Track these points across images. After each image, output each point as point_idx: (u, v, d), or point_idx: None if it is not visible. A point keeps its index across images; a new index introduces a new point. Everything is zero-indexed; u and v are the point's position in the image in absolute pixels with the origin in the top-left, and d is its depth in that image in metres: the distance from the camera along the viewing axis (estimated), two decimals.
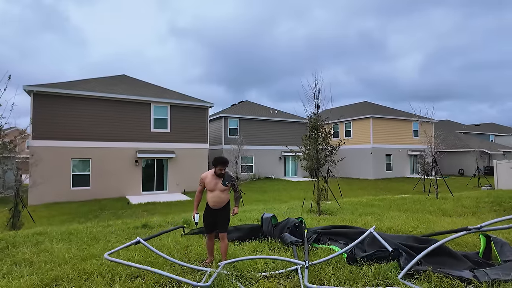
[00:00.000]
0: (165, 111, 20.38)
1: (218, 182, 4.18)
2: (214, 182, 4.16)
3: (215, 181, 4.17)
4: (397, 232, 6.05)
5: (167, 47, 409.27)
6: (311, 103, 8.85)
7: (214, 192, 4.16)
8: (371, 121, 29.20)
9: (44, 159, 16.00)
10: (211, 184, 4.17)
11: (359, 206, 10.18)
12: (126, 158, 19.02)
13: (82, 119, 17.84)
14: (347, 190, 18.78)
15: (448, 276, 3.44)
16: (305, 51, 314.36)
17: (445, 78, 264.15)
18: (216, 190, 4.15)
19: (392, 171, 30.32)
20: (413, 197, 12.94)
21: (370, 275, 3.62)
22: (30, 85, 16.44)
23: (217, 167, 4.15)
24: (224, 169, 4.19)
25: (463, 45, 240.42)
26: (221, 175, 4.18)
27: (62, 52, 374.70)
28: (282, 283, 3.57)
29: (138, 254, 4.64)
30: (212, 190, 4.16)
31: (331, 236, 5.29)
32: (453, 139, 35.71)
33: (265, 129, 29.17)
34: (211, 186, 4.16)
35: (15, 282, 3.68)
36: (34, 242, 5.81)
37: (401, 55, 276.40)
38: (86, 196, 17.57)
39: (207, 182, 4.19)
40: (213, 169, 4.23)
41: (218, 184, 4.17)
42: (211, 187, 4.16)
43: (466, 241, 5.03)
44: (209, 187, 4.18)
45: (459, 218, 8.05)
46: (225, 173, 4.22)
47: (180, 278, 3.44)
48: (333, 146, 8.83)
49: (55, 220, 11.50)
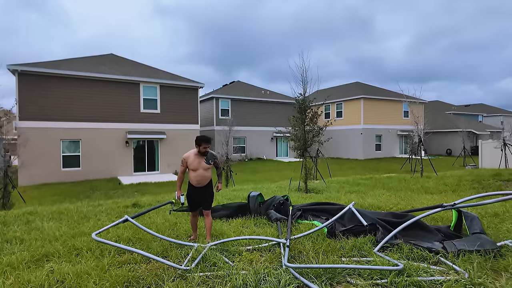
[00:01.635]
0: (154, 91, 20.13)
1: (201, 161, 4.26)
2: (197, 161, 4.24)
3: (198, 160, 4.25)
4: (379, 208, 6.31)
5: (153, 26, 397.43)
6: (298, 84, 8.90)
7: (198, 171, 4.24)
8: (362, 102, 29.36)
9: (32, 140, 15.84)
10: (195, 163, 4.24)
11: (345, 185, 10.47)
12: (117, 139, 18.94)
13: (70, 100, 17.56)
14: (336, 170, 19.15)
15: (419, 247, 3.67)
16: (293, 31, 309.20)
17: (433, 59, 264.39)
18: (199, 169, 4.24)
19: (382, 151, 30.86)
20: (399, 176, 13.31)
21: (347, 247, 3.85)
22: (14, 64, 16.00)
23: (201, 145, 4.21)
24: (208, 147, 4.27)
25: (450, 25, 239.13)
26: (205, 154, 4.26)
27: (45, 32, 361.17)
28: (264, 255, 3.77)
29: (127, 231, 4.79)
30: (196, 169, 4.23)
31: (314, 212, 5.51)
32: (442, 120, 36.28)
33: (257, 110, 29.12)
34: (195, 165, 4.23)
35: (6, 258, 3.80)
36: (24, 221, 5.92)
37: (388, 36, 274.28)
38: (77, 177, 17.59)
39: (190, 162, 4.25)
40: (196, 148, 4.29)
41: (202, 163, 4.25)
42: (195, 166, 4.23)
43: (442, 216, 5.29)
44: (192, 166, 4.24)
45: (439, 195, 8.38)
46: (209, 152, 4.31)
47: (161, 260, 3.38)
48: (320, 127, 8.96)
49: (46, 200, 11.57)
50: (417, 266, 3.19)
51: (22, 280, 3.11)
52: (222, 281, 3.04)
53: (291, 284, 2.90)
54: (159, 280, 3.10)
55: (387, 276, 3.03)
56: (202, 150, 4.22)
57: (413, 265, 3.19)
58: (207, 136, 4.28)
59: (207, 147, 4.25)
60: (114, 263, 3.62)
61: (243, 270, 3.25)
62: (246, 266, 3.46)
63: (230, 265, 3.49)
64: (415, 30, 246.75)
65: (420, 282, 2.87)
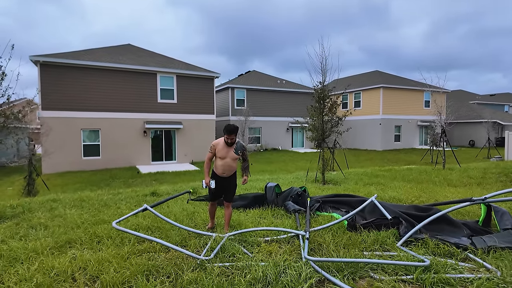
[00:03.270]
0: (171, 81, 20.22)
1: (230, 150, 4.11)
2: (226, 150, 4.09)
3: (227, 149, 4.10)
4: (399, 201, 6.12)
5: (166, 17, 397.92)
6: (317, 72, 8.66)
7: (225, 160, 4.10)
8: (381, 91, 28.54)
9: (54, 130, 16.30)
10: (223, 152, 4.09)
11: (364, 176, 10.24)
12: (135, 129, 19.24)
13: (89, 90, 17.90)
14: (353, 161, 18.81)
15: (445, 243, 3.52)
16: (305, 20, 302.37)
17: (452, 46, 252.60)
18: (227, 158, 4.09)
19: (401, 142, 30.06)
20: (419, 168, 12.92)
21: (368, 241, 3.73)
22: (36, 55, 16.39)
23: (225, 135, 4.07)
24: (232, 138, 4.07)
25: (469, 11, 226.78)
26: (231, 144, 4.10)
27: (62, 24, 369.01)
28: (283, 247, 3.71)
29: (146, 220, 4.84)
30: (223, 157, 4.09)
31: (333, 204, 5.39)
32: (465, 110, 34.85)
33: (273, 100, 28.85)
34: (223, 154, 4.09)
35: (31, 243, 3.91)
36: (48, 208, 6.09)
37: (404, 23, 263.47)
38: (97, 166, 18.05)
39: (218, 149, 4.12)
40: (223, 137, 4.15)
41: (230, 152, 4.11)
42: (223, 154, 4.09)
43: (468, 210, 5.07)
44: (220, 154, 4.10)
45: (463, 188, 8.06)
46: (237, 142, 4.15)
47: (180, 249, 3.40)
48: (339, 117, 8.73)
49: (68, 188, 11.94)
50: (445, 262, 3.05)
51: (46, 266, 3.18)
52: (242, 272, 3.00)
53: (312, 278, 2.83)
54: (179, 270, 3.10)
55: (413, 272, 2.91)
56: (225, 139, 4.08)
57: (440, 262, 3.05)
58: (232, 126, 4.04)
59: (230, 138, 4.06)
60: (134, 251, 3.65)
61: (262, 262, 3.20)
62: (265, 257, 3.41)
63: (249, 256, 3.45)
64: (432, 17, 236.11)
65: (448, 279, 2.74)
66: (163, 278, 2.94)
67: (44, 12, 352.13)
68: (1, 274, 3.11)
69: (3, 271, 3.17)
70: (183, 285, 2.82)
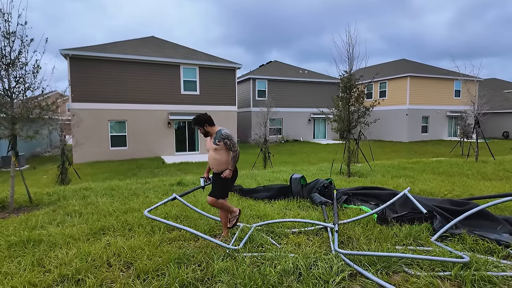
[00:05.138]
0: (194, 73, 20.38)
1: (210, 141, 3.77)
2: (208, 141, 3.85)
3: (208, 140, 3.85)
4: (431, 195, 5.89)
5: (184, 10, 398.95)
6: (343, 61, 8.39)
7: (209, 152, 3.82)
8: (408, 80, 27.43)
9: (83, 121, 16.94)
10: (207, 143, 3.88)
11: (391, 168, 9.94)
12: (159, 120, 19.64)
13: (116, 82, 18.38)
14: (379, 153, 18.32)
15: (485, 239, 3.34)
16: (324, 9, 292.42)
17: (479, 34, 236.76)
18: (210, 149, 3.80)
19: (428, 133, 28.91)
20: (450, 160, 12.38)
21: (401, 235, 3.62)
22: (66, 49, 16.98)
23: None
24: (201, 130, 3.75)
25: None
26: (205, 135, 3.79)
27: (85, 18, 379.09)
28: (311, 239, 3.67)
29: (174, 209, 4.94)
30: (208, 150, 3.85)
31: (361, 197, 5.27)
32: (499, 99, 32.91)
33: (294, 91, 28.46)
34: (207, 145, 3.87)
35: (68, 229, 4.09)
36: (81, 196, 6.36)
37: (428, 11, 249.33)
38: (124, 156, 18.65)
39: (206, 142, 3.90)
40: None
41: (210, 143, 3.77)
42: (207, 146, 3.87)
43: (507, 204, 4.80)
44: (206, 147, 3.90)
45: (499, 182, 7.63)
46: (218, 131, 3.77)
47: (210, 239, 3.43)
48: (366, 107, 8.46)
49: (98, 177, 12.42)
50: (485, 259, 2.90)
51: (83, 251, 3.32)
52: (271, 263, 2.99)
53: (344, 271, 2.78)
54: (209, 259, 3.14)
55: (450, 269, 2.79)
56: (201, 131, 3.80)
57: (480, 258, 2.90)
58: (195, 118, 3.77)
59: (199, 129, 3.75)
60: (164, 239, 3.74)
61: (292, 253, 3.18)
62: (293, 249, 3.39)
63: (277, 247, 3.44)
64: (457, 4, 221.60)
65: (490, 277, 2.60)
66: (194, 267, 2.99)
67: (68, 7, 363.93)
68: (42, 258, 3.27)
69: (44, 255, 3.34)
70: (214, 274, 2.85)
